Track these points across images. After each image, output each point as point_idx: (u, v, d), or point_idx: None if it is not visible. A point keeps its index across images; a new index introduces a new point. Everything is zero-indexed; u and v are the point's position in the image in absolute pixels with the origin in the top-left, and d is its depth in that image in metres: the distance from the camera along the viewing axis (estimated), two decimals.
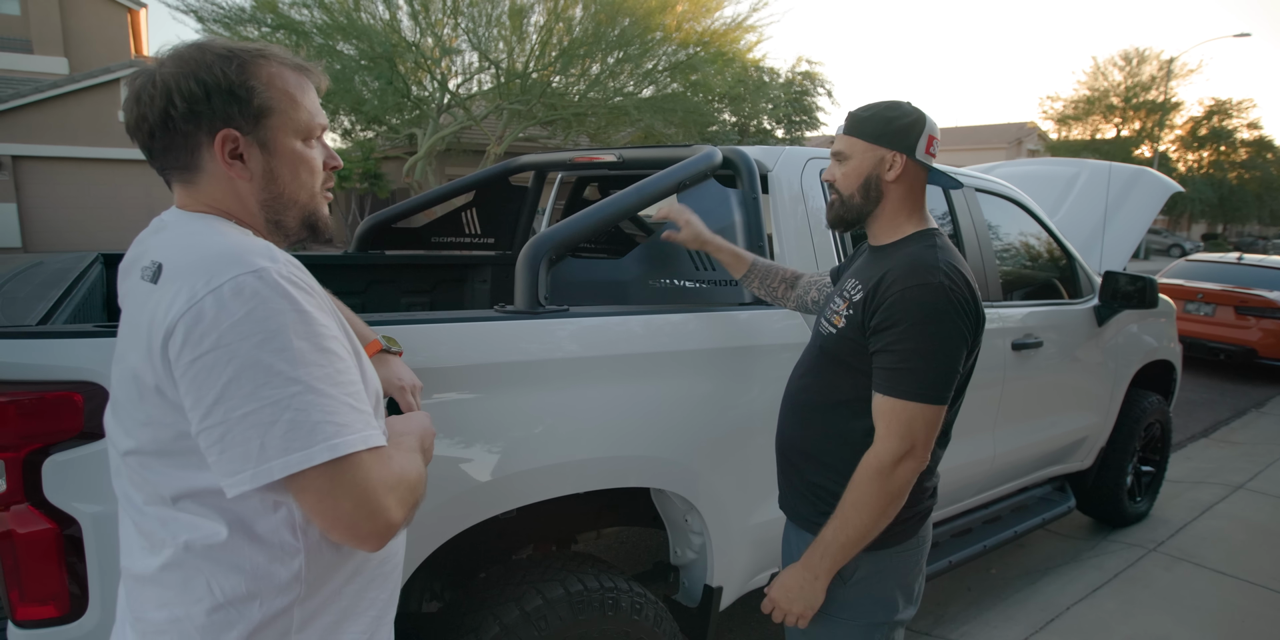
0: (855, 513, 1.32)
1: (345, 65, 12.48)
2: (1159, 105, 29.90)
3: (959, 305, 1.29)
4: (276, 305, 0.77)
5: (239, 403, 0.75)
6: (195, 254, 0.81)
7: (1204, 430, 5.83)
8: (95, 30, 20.38)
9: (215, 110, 0.85)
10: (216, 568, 0.82)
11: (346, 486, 0.77)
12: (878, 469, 1.31)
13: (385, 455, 0.83)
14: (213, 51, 0.86)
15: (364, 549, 0.82)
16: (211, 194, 0.89)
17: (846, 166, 1.42)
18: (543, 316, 1.58)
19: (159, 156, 0.88)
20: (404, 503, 0.83)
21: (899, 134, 1.38)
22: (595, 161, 2.59)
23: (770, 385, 1.91)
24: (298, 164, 0.91)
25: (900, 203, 1.42)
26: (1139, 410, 3.49)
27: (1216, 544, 3.47)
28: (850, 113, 1.44)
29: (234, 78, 0.85)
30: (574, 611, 1.55)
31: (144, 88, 0.85)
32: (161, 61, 0.86)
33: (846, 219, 1.45)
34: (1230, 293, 7.85)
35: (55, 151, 15.23)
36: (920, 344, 1.28)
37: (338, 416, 0.77)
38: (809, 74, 20.70)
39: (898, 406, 1.30)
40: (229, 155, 0.87)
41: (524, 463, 1.50)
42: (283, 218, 0.93)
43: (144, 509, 0.86)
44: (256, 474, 0.75)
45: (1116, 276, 3.03)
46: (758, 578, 2.07)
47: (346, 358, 0.83)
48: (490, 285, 3.12)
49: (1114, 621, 2.76)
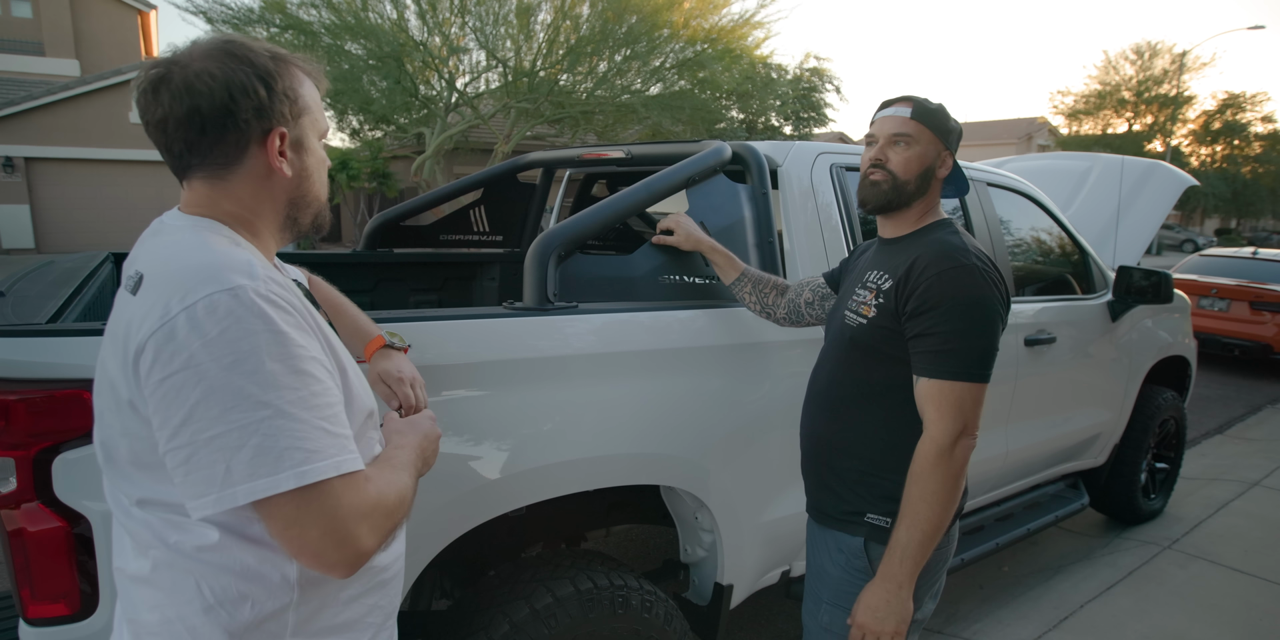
0: (925, 506, 1.30)
1: (353, 65, 12.50)
2: (1171, 99, 29.59)
3: (994, 285, 1.33)
4: (250, 325, 0.76)
5: (206, 425, 0.74)
6: (173, 268, 0.80)
7: (1219, 426, 5.77)
8: (106, 32, 20.52)
9: (275, 109, 0.87)
10: (206, 569, 0.82)
11: (314, 514, 0.76)
12: (938, 453, 1.30)
13: (360, 480, 0.81)
14: (260, 53, 0.87)
15: (332, 576, 0.81)
16: (238, 193, 0.89)
17: (911, 151, 1.41)
18: (552, 313, 1.57)
19: (199, 152, 0.86)
20: (377, 530, 0.81)
21: (954, 135, 1.45)
22: (603, 158, 2.58)
23: (781, 381, 1.90)
24: (322, 162, 0.96)
25: (933, 197, 1.48)
26: (1153, 407, 3.46)
27: (1232, 541, 3.44)
28: (913, 98, 1.44)
29: (285, 80, 0.88)
30: (584, 609, 1.54)
31: (192, 82, 0.83)
32: (194, 56, 0.85)
33: (894, 203, 1.44)
34: (1245, 288, 7.76)
35: (67, 153, 15.36)
36: (962, 324, 1.30)
37: (308, 442, 0.76)
38: (817, 70, 20.61)
39: (945, 388, 1.30)
40: (278, 154, 0.88)
41: (532, 461, 1.50)
42: (300, 215, 0.94)
43: (130, 511, 0.85)
44: (220, 498, 0.74)
45: (1130, 271, 3.00)
46: (768, 575, 2.06)
47: (325, 379, 0.82)
48: (499, 283, 3.12)
49: (1128, 619, 2.73)
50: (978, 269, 1.32)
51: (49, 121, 15.12)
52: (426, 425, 1.05)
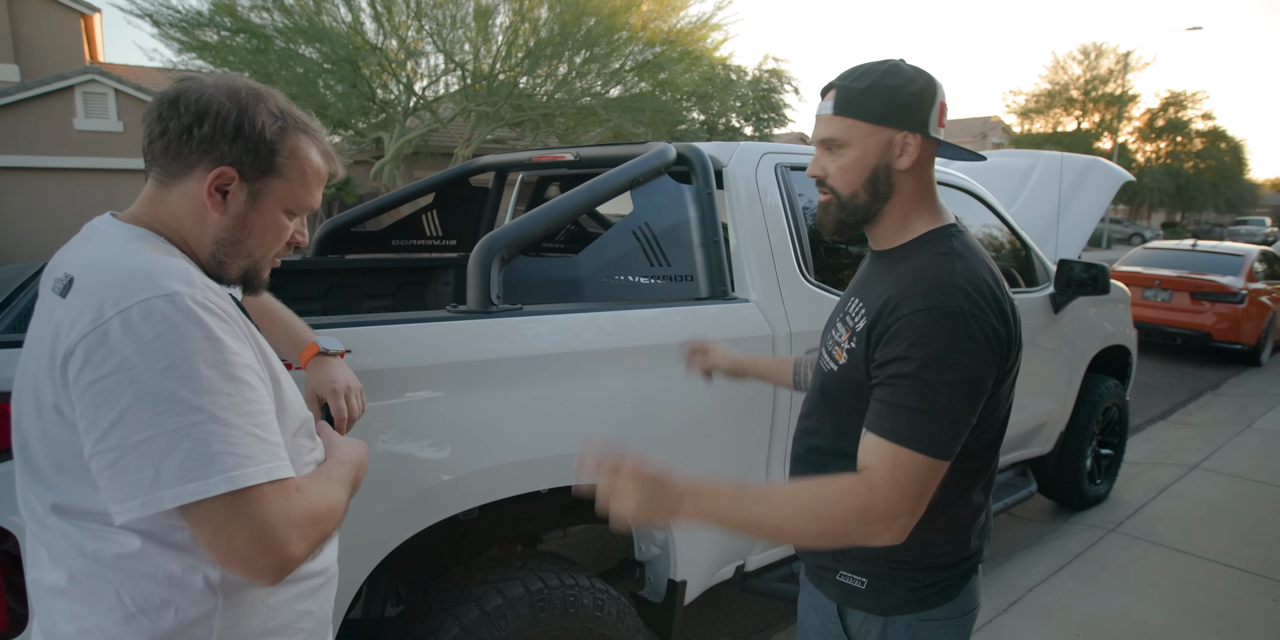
0: (788, 520, 0.99)
1: (308, 69, 12.29)
2: (1117, 98, 30.57)
3: (982, 334, 1.01)
4: (186, 331, 0.76)
5: (136, 429, 0.73)
6: (107, 272, 0.80)
7: (1162, 413, 5.98)
8: (47, 36, 19.82)
9: (229, 151, 0.88)
10: (126, 577, 0.81)
11: (243, 520, 0.76)
12: (861, 510, 0.98)
13: (291, 488, 0.81)
14: (269, 106, 0.90)
15: (259, 582, 0.81)
16: (175, 207, 0.90)
17: (844, 157, 1.10)
18: (495, 316, 1.58)
19: (159, 154, 0.89)
20: (307, 537, 0.81)
21: (909, 106, 1.07)
22: (553, 160, 2.59)
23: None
24: (271, 227, 0.94)
25: (913, 195, 1.13)
26: (1096, 395, 3.57)
27: (1173, 523, 3.57)
28: (837, 83, 1.11)
29: (268, 136, 0.89)
30: (534, 610, 1.55)
31: (190, 97, 0.87)
32: (220, 85, 0.89)
33: (849, 223, 1.15)
34: (1186, 279, 8.06)
35: (10, 162, 14.79)
36: (929, 383, 1.00)
37: (240, 448, 0.76)
38: (776, 71, 20.86)
39: (890, 452, 1.00)
40: (215, 188, 0.89)
41: (476, 462, 1.50)
42: (227, 262, 0.93)
43: (45, 520, 0.84)
44: (147, 502, 0.74)
45: (1071, 264, 3.10)
46: (723, 571, 2.09)
47: (259, 387, 0.82)
48: (453, 287, 3.11)
49: (1074, 601, 2.83)
50: (963, 313, 1.00)
51: None
52: (361, 451, 1.05)
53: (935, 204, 1.16)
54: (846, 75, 1.12)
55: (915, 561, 1.15)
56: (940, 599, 1.16)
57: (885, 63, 1.11)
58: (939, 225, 1.14)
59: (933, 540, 1.14)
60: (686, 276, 1.95)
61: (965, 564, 1.17)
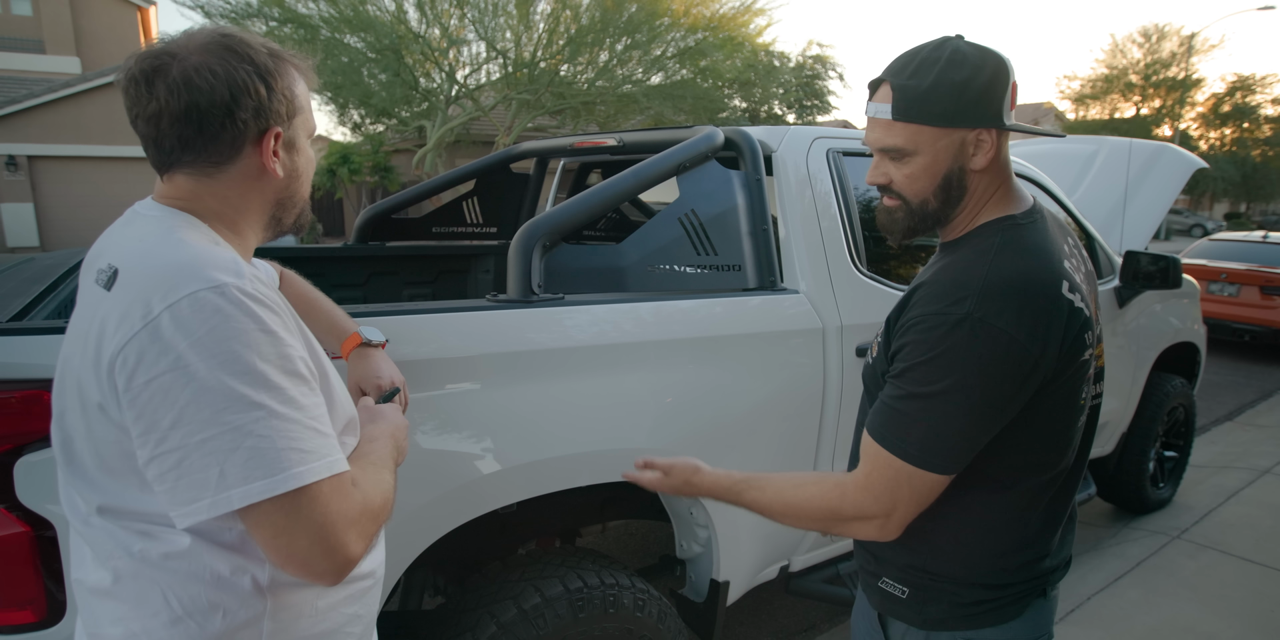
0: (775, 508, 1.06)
1: (353, 58, 12.43)
2: (1179, 82, 29.22)
3: (990, 348, 0.91)
4: (240, 324, 0.72)
5: (197, 427, 0.70)
6: (152, 263, 0.76)
7: (1229, 413, 5.69)
8: (106, 29, 20.48)
9: (272, 109, 0.84)
10: (173, 578, 0.78)
11: (304, 522, 0.73)
12: (831, 512, 1.01)
13: (347, 482, 0.78)
14: (259, 49, 0.84)
15: (320, 584, 0.78)
16: (224, 191, 0.85)
17: (912, 165, 1.00)
18: (536, 305, 1.53)
19: (193, 149, 0.82)
20: (365, 534, 0.79)
21: (981, 101, 0.96)
22: (595, 146, 2.52)
23: (777, 372, 1.86)
24: (310, 162, 0.93)
25: (986, 190, 1.04)
26: (1162, 394, 3.39)
27: (1243, 530, 3.38)
28: (893, 81, 0.98)
29: (284, 79, 0.86)
30: (574, 610, 1.50)
31: (191, 77, 0.79)
32: (191, 49, 0.81)
33: (919, 230, 1.06)
34: (1256, 272, 7.65)
35: (70, 151, 15.37)
36: (927, 394, 0.94)
37: (303, 442, 0.73)
38: (820, 57, 20.41)
39: (884, 457, 0.97)
40: (273, 153, 0.86)
41: (516, 458, 1.46)
42: (285, 215, 0.92)
43: (89, 519, 0.81)
44: (215, 503, 0.70)
45: (1138, 256, 2.93)
46: (766, 571, 2.02)
47: (311, 381, 0.79)
48: (494, 275, 3.08)
49: (1136, 611, 2.69)
50: (970, 321, 0.91)
51: (51, 119, 15.12)
52: (394, 416, 1.01)
53: (1008, 192, 1.05)
54: (900, 68, 0.98)
55: (956, 577, 1.07)
56: (991, 619, 1.07)
57: (943, 48, 0.97)
58: (1000, 215, 1.04)
59: (975, 557, 1.06)
60: (734, 266, 1.87)
61: (1021, 587, 1.08)
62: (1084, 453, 1.12)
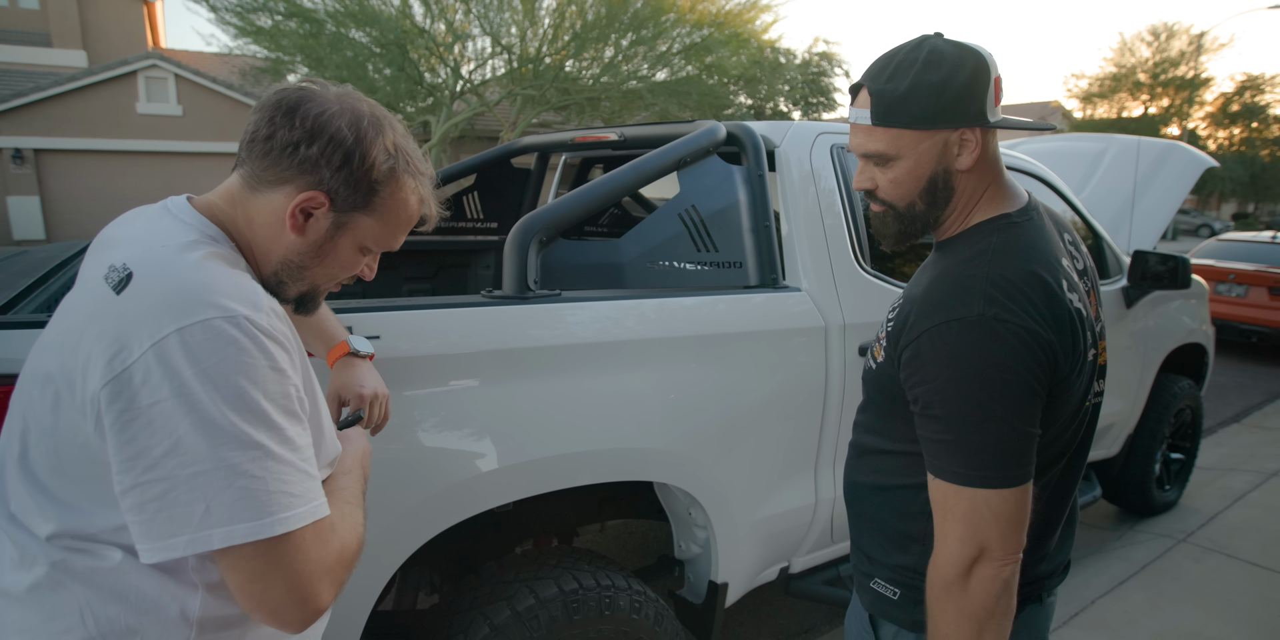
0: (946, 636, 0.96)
1: (358, 53, 12.41)
2: (1188, 81, 29.00)
3: (1011, 342, 0.90)
4: (251, 359, 0.70)
5: (190, 460, 0.67)
6: (171, 280, 0.72)
7: (1236, 415, 5.64)
8: (112, 23, 20.48)
9: (329, 178, 0.81)
10: (96, 594, 0.73)
11: (283, 569, 0.70)
12: (944, 585, 0.94)
13: (329, 528, 0.76)
14: (385, 142, 0.84)
15: (286, 631, 0.75)
16: (254, 214, 0.84)
17: (895, 169, 0.99)
18: (532, 302, 1.50)
19: (257, 156, 0.82)
20: (337, 582, 0.76)
21: (961, 100, 0.94)
22: (597, 141, 2.49)
23: (779, 371, 1.83)
24: (344, 260, 0.89)
25: (975, 189, 1.02)
26: (1168, 395, 3.35)
27: (1249, 534, 3.34)
28: (870, 85, 0.97)
29: (375, 174, 0.83)
30: (568, 611, 1.48)
31: (310, 111, 0.80)
32: (345, 105, 0.82)
33: (910, 233, 1.05)
34: (1264, 273, 7.58)
35: (76, 144, 15.36)
36: (962, 408, 0.91)
37: (293, 485, 0.71)
38: (826, 54, 20.33)
39: (951, 494, 0.93)
40: (300, 209, 0.82)
41: (512, 456, 1.43)
42: (288, 283, 0.88)
43: (14, 517, 0.77)
44: (193, 541, 0.67)
45: (1146, 256, 2.89)
46: (766, 572, 2.00)
47: (304, 418, 0.77)
48: (494, 271, 3.05)
49: (1142, 615, 2.65)
50: (985, 321, 0.90)
51: (58, 113, 15.11)
52: (360, 440, 0.98)
53: (1000, 190, 1.03)
54: (878, 72, 0.97)
55: None
56: None
57: (920, 48, 0.95)
58: (994, 214, 1.02)
59: None
60: (735, 263, 1.84)
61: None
62: (1082, 453, 1.10)
